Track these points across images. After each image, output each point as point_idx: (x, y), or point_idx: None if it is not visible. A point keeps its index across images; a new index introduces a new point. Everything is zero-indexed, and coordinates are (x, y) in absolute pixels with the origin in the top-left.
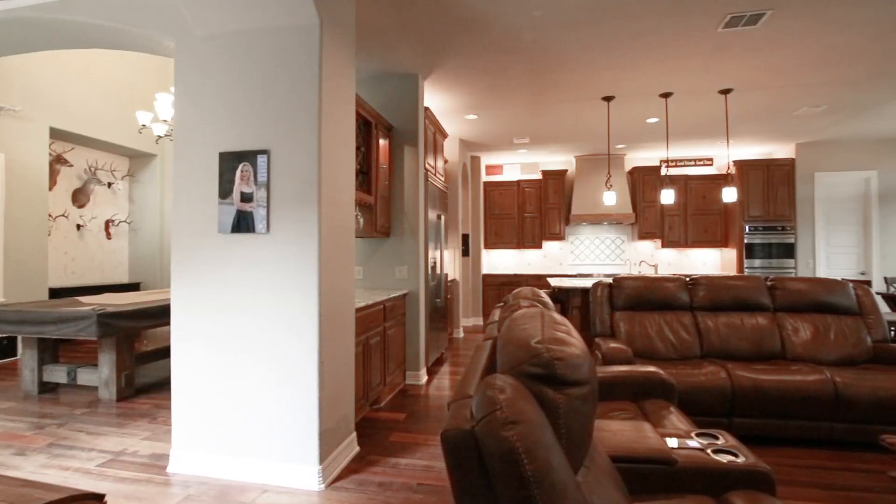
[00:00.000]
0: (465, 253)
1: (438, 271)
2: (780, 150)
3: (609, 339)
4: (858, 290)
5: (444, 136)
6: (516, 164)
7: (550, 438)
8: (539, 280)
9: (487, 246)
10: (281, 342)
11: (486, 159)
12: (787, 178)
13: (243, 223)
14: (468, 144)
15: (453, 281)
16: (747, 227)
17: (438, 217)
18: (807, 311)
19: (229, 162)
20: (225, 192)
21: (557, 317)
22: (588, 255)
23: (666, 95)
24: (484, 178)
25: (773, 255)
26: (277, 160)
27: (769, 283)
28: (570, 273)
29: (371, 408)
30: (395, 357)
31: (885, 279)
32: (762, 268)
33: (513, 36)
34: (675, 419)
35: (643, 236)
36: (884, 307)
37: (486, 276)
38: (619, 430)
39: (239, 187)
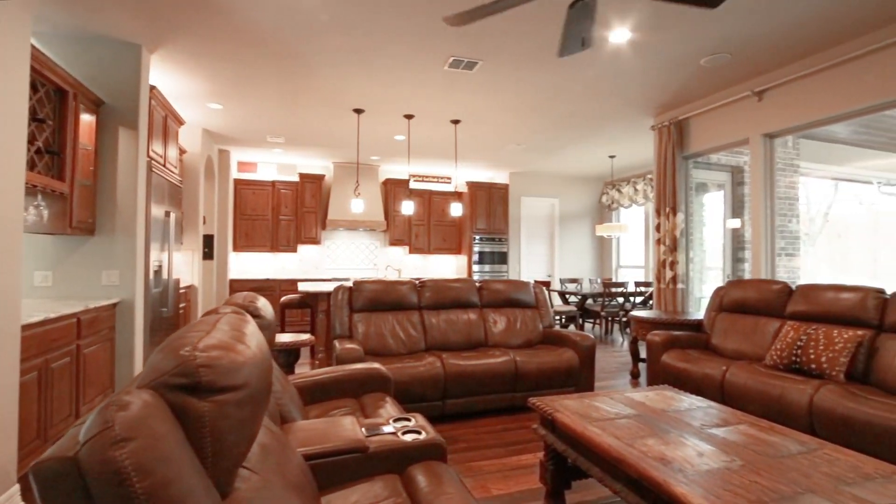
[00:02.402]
0: (209, 256)
1: (165, 276)
2: (499, 176)
3: (346, 339)
4: (536, 289)
5: (180, 122)
6: (273, 164)
7: (176, 451)
8: (293, 285)
9: (237, 248)
10: None
11: (238, 155)
12: (504, 199)
13: None
14: (214, 136)
15: (189, 287)
16: (476, 238)
17: (167, 214)
18: (503, 306)
19: None
20: None
21: (246, 326)
22: (344, 260)
23: (409, 117)
24: (235, 174)
25: (495, 262)
26: None
27: (478, 285)
28: (326, 277)
29: None
30: (97, 381)
31: (561, 280)
32: (488, 272)
33: (256, 30)
34: (389, 408)
35: (394, 243)
36: (559, 300)
37: (234, 282)
38: (322, 429)
39: None
